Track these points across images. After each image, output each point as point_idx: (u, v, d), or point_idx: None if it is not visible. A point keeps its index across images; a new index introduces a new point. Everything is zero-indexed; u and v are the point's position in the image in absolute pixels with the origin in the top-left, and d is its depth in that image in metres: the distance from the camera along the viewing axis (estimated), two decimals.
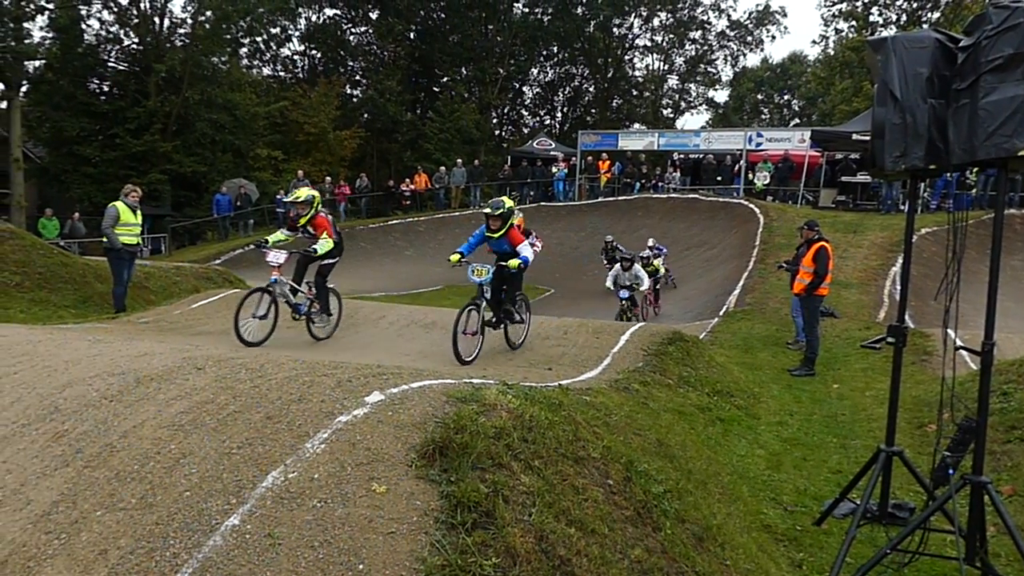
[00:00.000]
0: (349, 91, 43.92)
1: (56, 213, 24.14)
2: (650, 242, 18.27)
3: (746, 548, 4.07)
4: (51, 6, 28.63)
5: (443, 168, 29.99)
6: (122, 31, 32.89)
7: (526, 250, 7.75)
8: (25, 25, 28.03)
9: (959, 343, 4.14)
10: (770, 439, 6.84)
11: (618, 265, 14.20)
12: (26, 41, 28.06)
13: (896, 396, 4.39)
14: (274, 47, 43.97)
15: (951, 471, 3.93)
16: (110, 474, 2.73)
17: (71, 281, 11.05)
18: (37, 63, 29.86)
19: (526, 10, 46.27)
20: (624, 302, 13.83)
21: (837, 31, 41.59)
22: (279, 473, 2.67)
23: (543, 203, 28.36)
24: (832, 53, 42.27)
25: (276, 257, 8.00)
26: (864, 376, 9.36)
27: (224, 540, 2.37)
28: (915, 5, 36.90)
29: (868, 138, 4.08)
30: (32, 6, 27.85)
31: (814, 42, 73.67)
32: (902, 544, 3.92)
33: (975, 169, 8.46)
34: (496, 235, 7.77)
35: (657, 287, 16.33)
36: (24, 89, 29.07)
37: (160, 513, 2.50)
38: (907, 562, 4.09)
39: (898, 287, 14.08)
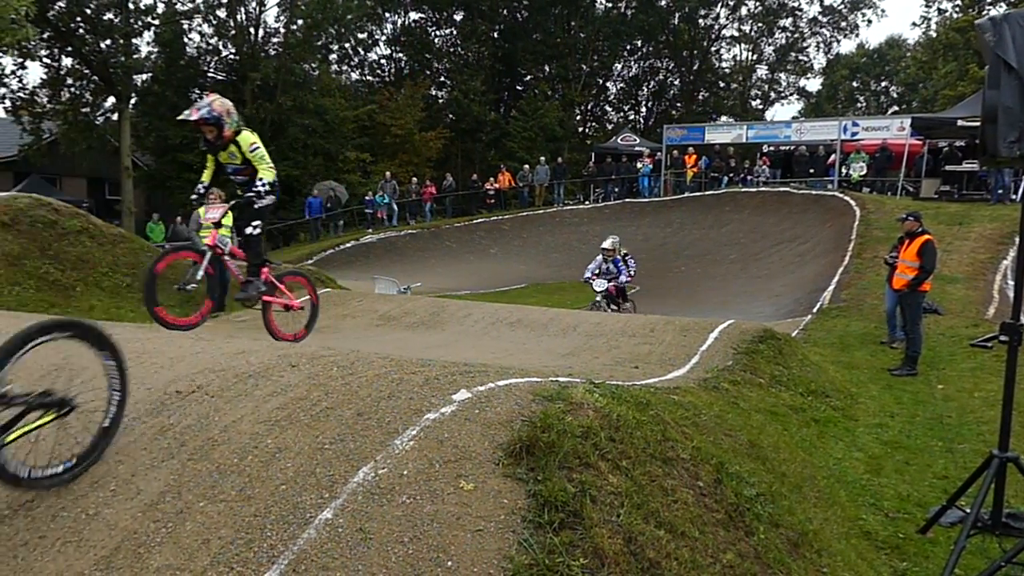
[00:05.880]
0: (434, 92, 44.62)
1: (161, 217, 25.52)
2: (607, 243, 12.39)
3: (844, 555, 3.90)
4: (156, 22, 30.33)
5: (527, 166, 30.08)
6: (220, 43, 34.53)
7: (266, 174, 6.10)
8: (133, 41, 29.82)
9: None
10: (869, 442, 6.54)
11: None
12: (134, 56, 29.82)
13: (1010, 398, 4.12)
14: (361, 52, 45.19)
15: None
16: (211, 467, 2.85)
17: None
18: (144, 76, 31.68)
19: (609, 4, 45.86)
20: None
21: (940, 11, 39.55)
22: (369, 469, 2.72)
23: (628, 199, 28.05)
24: (934, 35, 40.12)
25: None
26: (972, 376, 8.83)
27: (318, 533, 2.44)
28: None
29: (976, 124, 3.85)
30: (140, 23, 29.58)
31: (914, 24, 70.25)
32: (1018, 557, 3.68)
33: None
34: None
35: None
36: (133, 101, 30.86)
37: (258, 505, 2.59)
38: None
39: (1010, 282, 13.23)
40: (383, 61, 46.80)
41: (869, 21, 70.03)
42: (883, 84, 56.70)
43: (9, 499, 2.84)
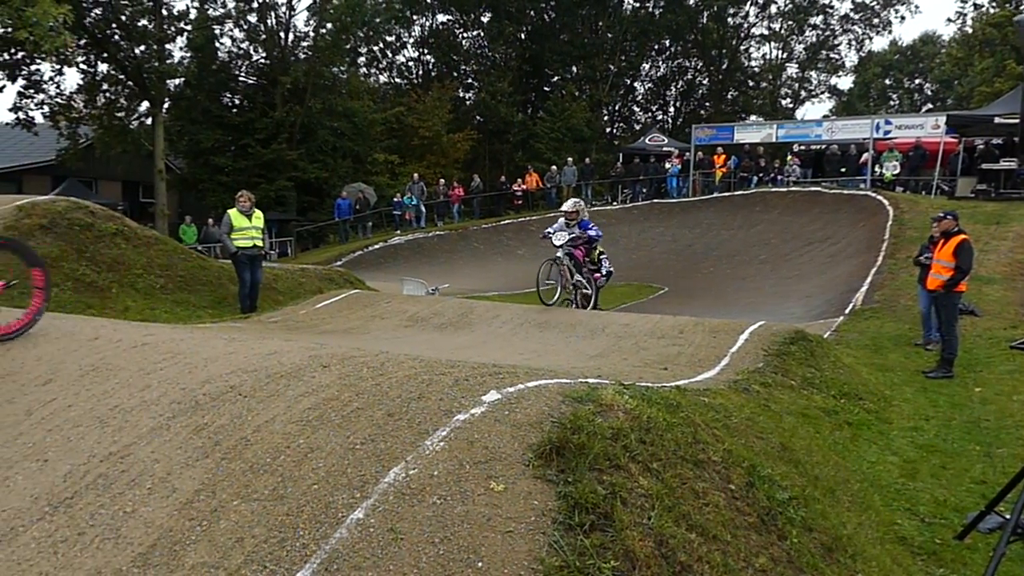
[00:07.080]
0: (461, 94, 44.81)
1: (194, 220, 25.90)
2: (567, 204, 11.30)
3: (879, 561, 3.84)
4: (189, 28, 30.82)
5: (554, 167, 30.01)
6: (251, 47, 34.99)
7: None
8: (167, 47, 30.32)
9: None
10: (904, 445, 6.43)
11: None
12: (168, 61, 30.33)
13: None
14: (390, 54, 45.53)
15: None
16: (245, 466, 2.88)
17: (208, 283, 11.80)
18: (177, 81, 32.20)
19: (636, 4, 45.65)
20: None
21: (976, 6, 38.68)
22: (400, 469, 2.74)
23: (656, 200, 27.88)
24: (970, 31, 39.30)
25: None
26: (1011, 379, 8.64)
27: (349, 533, 2.46)
28: None
29: (1014, 121, 3.75)
30: (173, 29, 30.08)
31: (949, 20, 68.66)
32: None
33: None
34: None
35: None
36: (166, 105, 31.39)
37: (290, 505, 2.62)
38: None
39: None
40: (411, 63, 47.17)
41: (902, 18, 68.62)
42: (917, 81, 55.74)
43: (50, 496, 2.91)
